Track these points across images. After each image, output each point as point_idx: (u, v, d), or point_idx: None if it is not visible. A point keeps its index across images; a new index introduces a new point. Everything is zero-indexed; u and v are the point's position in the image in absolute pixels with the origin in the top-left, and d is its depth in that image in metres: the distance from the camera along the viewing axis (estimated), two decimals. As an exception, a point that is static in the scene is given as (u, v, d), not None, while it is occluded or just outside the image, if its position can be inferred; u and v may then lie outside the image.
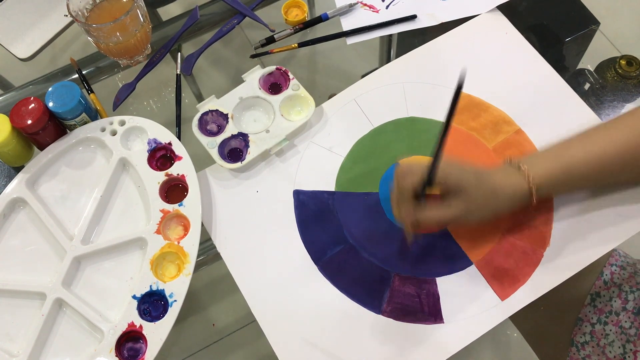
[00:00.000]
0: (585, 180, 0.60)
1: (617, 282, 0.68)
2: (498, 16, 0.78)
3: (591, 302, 0.69)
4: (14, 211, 0.69)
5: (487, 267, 0.63)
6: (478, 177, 0.58)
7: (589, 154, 0.58)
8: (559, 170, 0.58)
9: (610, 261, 0.69)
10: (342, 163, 0.70)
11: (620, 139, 0.58)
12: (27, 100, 0.68)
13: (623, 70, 0.74)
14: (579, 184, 0.61)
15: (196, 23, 0.82)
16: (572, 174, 0.59)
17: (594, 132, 0.60)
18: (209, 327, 1.14)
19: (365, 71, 0.77)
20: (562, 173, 0.58)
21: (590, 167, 0.58)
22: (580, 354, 0.68)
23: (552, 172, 0.58)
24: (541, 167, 0.58)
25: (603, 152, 0.58)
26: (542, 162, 0.59)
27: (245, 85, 0.73)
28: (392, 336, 0.61)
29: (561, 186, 0.60)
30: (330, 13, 0.80)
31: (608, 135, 0.59)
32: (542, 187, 0.58)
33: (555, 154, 0.60)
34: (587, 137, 0.60)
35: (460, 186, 0.57)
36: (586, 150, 0.59)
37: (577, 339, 0.69)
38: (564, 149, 0.60)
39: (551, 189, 0.59)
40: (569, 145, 0.60)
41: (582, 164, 0.58)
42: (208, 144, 0.70)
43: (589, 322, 0.68)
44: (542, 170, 0.58)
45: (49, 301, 0.63)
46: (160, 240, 0.65)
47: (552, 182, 0.59)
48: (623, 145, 0.58)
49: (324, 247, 0.65)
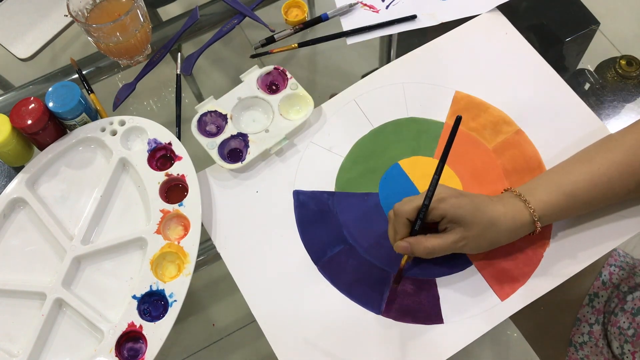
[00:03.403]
0: (589, 205, 0.59)
1: (615, 283, 0.68)
2: (498, 16, 0.78)
3: (589, 303, 0.69)
4: (14, 211, 0.69)
5: (487, 267, 0.63)
6: (476, 206, 0.56)
7: (591, 179, 0.57)
8: (561, 198, 0.57)
9: (609, 262, 0.69)
10: (342, 163, 0.70)
11: (622, 160, 0.57)
12: (27, 100, 0.68)
13: (623, 70, 0.74)
14: (582, 208, 0.60)
15: (196, 23, 0.82)
16: (575, 201, 0.58)
17: (595, 152, 0.59)
18: (209, 327, 1.14)
19: (365, 71, 0.77)
20: (564, 201, 0.57)
21: (594, 192, 0.57)
22: (578, 354, 0.68)
23: (555, 201, 0.57)
24: (543, 197, 0.57)
25: (605, 175, 0.57)
26: (544, 191, 0.58)
27: (244, 85, 0.73)
28: (392, 336, 0.61)
29: (564, 213, 0.59)
30: (330, 13, 0.80)
31: (609, 157, 0.58)
32: (545, 217, 0.57)
33: (557, 182, 0.58)
34: (588, 160, 0.59)
35: (458, 216, 0.56)
36: (588, 176, 0.57)
37: (576, 339, 0.69)
38: (565, 175, 0.59)
39: (554, 217, 0.58)
40: (570, 170, 0.59)
41: (585, 190, 0.57)
42: (208, 144, 0.70)
43: (587, 323, 0.68)
44: (544, 199, 0.57)
45: (49, 301, 0.63)
46: (160, 240, 0.65)
47: (555, 210, 0.58)
48: (625, 165, 0.57)
49: (323, 247, 0.66)
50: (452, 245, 0.57)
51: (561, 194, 0.57)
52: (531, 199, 0.57)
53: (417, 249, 0.57)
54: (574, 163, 0.60)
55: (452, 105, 0.72)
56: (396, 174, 0.69)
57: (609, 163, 0.58)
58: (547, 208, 0.57)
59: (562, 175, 0.59)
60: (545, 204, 0.57)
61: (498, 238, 0.58)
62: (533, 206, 0.57)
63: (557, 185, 0.58)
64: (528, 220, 0.57)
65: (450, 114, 0.71)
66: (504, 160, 0.68)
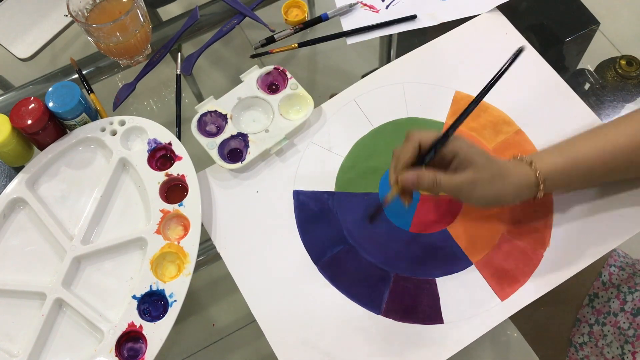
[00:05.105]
0: (591, 175, 0.60)
1: (615, 283, 0.68)
2: (498, 16, 0.78)
3: (589, 303, 0.69)
4: (14, 211, 0.69)
5: (487, 267, 0.63)
6: (488, 157, 0.58)
7: (595, 148, 0.58)
8: (565, 164, 0.59)
9: (609, 262, 0.69)
10: (342, 163, 0.70)
11: (626, 134, 0.58)
12: (27, 100, 0.68)
13: (623, 70, 0.74)
14: (585, 178, 0.60)
15: (196, 23, 0.82)
16: (578, 167, 0.59)
17: (600, 128, 0.61)
18: (209, 327, 1.14)
19: (365, 71, 0.77)
20: (568, 166, 0.58)
21: (596, 161, 0.58)
22: (578, 355, 0.68)
23: (559, 165, 0.58)
24: (548, 161, 0.59)
25: (609, 147, 0.58)
26: (549, 156, 0.59)
27: (244, 85, 0.73)
28: (392, 336, 0.61)
29: (567, 179, 0.60)
30: (330, 13, 0.80)
31: (614, 131, 0.59)
32: (549, 180, 0.58)
33: (560, 149, 0.60)
34: (593, 133, 0.60)
35: (471, 159, 0.57)
36: (592, 145, 0.59)
37: (576, 340, 0.69)
38: (570, 145, 0.60)
39: (558, 181, 0.59)
40: (574, 141, 0.60)
41: (588, 158, 0.58)
42: (208, 144, 0.70)
43: (587, 323, 0.68)
44: (549, 163, 0.58)
45: (49, 301, 0.63)
46: (160, 240, 0.65)
47: (559, 174, 0.58)
48: (629, 141, 0.58)
49: (323, 247, 0.66)
50: (459, 186, 0.57)
51: (565, 158, 0.59)
52: (537, 162, 0.58)
53: (423, 179, 0.57)
54: (578, 135, 0.61)
55: (452, 105, 0.72)
56: (396, 174, 0.69)
57: (613, 136, 0.59)
58: (551, 171, 0.58)
59: (566, 144, 0.60)
60: (549, 168, 0.58)
61: (504, 192, 0.58)
62: (538, 168, 0.58)
63: (562, 152, 0.59)
64: (533, 182, 0.58)
65: (450, 114, 0.71)
66: (504, 160, 0.68)
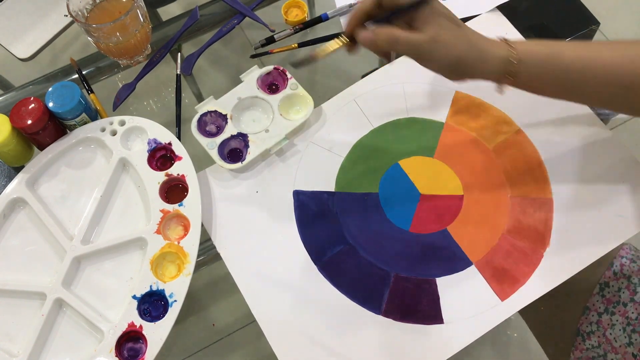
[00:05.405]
0: (565, 76, 0.57)
1: (626, 274, 0.68)
2: (498, 16, 0.78)
3: (600, 292, 0.69)
4: (14, 211, 0.69)
5: (487, 267, 0.63)
6: (457, 21, 0.55)
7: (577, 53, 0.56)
8: (546, 55, 0.56)
9: (621, 253, 0.70)
10: (342, 163, 0.70)
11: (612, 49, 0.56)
12: (27, 100, 0.68)
13: (623, 70, 0.74)
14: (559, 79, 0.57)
15: (196, 23, 0.82)
16: (554, 63, 0.56)
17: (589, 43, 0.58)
18: (209, 327, 1.14)
19: (365, 71, 0.77)
20: (547, 58, 0.56)
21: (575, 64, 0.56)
22: (585, 344, 0.68)
23: (540, 54, 0.56)
24: (528, 45, 0.56)
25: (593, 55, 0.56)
26: (530, 43, 0.57)
27: (244, 85, 0.73)
28: (392, 336, 0.61)
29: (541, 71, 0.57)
30: (330, 13, 0.80)
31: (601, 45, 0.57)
32: (523, 63, 0.56)
33: (545, 43, 0.58)
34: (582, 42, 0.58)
35: (436, 18, 0.53)
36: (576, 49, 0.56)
37: (584, 329, 0.69)
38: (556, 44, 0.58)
39: (532, 68, 0.56)
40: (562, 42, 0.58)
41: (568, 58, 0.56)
42: (208, 145, 0.70)
43: (596, 312, 0.68)
44: (528, 47, 0.56)
45: (49, 301, 0.63)
46: (160, 240, 0.65)
47: (534, 61, 0.56)
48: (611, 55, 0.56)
49: (323, 247, 0.66)
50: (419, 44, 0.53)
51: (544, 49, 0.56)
52: (517, 44, 0.56)
53: (380, 35, 0.54)
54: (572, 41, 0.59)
55: (452, 105, 0.72)
56: (396, 174, 0.69)
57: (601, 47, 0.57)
58: (529, 54, 0.56)
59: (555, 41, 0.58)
60: (528, 50, 0.56)
61: (468, 56, 0.55)
62: (515, 46, 0.56)
63: (546, 45, 0.57)
64: (504, 54, 0.55)
65: (451, 114, 0.71)
66: (504, 160, 0.68)
